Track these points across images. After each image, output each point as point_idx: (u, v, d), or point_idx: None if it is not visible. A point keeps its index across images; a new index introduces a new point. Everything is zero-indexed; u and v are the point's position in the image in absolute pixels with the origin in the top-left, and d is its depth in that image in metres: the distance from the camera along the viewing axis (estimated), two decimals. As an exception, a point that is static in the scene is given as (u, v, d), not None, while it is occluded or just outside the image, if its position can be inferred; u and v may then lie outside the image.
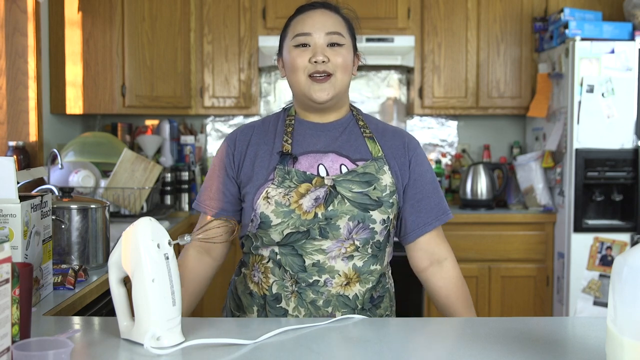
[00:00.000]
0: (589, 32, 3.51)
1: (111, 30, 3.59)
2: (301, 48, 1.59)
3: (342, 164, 1.60)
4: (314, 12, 1.62)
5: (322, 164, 1.59)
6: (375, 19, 3.90)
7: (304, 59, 1.58)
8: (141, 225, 1.25)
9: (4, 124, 3.16)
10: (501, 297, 3.72)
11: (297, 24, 1.62)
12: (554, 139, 3.65)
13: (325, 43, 1.59)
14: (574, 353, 1.25)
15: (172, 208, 3.66)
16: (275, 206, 1.53)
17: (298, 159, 1.59)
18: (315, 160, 1.60)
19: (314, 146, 1.62)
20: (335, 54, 1.59)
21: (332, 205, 1.54)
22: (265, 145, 1.63)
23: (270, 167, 1.59)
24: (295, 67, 1.60)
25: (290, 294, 1.57)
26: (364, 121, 1.69)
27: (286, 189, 1.55)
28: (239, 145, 1.65)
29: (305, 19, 1.62)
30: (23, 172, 2.11)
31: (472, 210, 3.83)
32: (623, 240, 3.49)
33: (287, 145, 1.60)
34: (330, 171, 1.58)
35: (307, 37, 1.59)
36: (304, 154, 1.60)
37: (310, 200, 1.54)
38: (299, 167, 1.58)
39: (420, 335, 1.42)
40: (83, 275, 1.90)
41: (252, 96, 3.94)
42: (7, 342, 1.08)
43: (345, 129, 1.65)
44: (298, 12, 1.66)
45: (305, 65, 1.58)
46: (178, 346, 1.23)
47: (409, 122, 4.31)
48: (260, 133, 1.66)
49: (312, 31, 1.59)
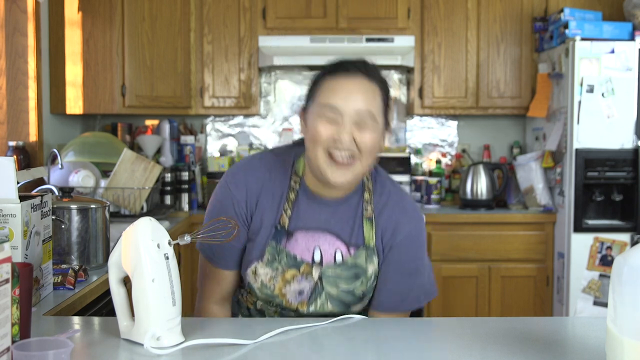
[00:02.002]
0: (589, 32, 3.51)
1: (111, 30, 3.59)
2: (327, 120, 1.43)
3: (338, 248, 1.52)
4: (348, 82, 1.43)
5: (318, 246, 1.52)
6: (375, 19, 3.91)
7: (328, 132, 1.42)
8: (141, 225, 1.25)
9: (4, 124, 3.16)
10: (501, 297, 3.72)
11: (328, 91, 1.44)
12: (554, 139, 3.65)
13: (355, 121, 1.42)
14: (574, 353, 1.25)
15: (172, 208, 3.66)
16: (260, 285, 1.52)
17: (294, 234, 1.51)
18: (312, 240, 1.52)
19: (312, 223, 1.52)
20: (364, 135, 1.43)
21: (314, 305, 1.52)
22: (270, 213, 1.52)
23: (267, 239, 1.51)
24: (316, 140, 1.44)
25: (274, 313, 1.58)
26: (370, 192, 1.56)
27: (274, 271, 1.50)
28: (250, 199, 1.53)
29: (337, 88, 1.43)
30: (23, 172, 2.11)
31: (472, 210, 3.83)
32: (623, 240, 3.49)
33: (285, 217, 1.51)
34: (325, 256, 1.52)
35: (336, 114, 1.42)
36: (301, 229, 1.52)
37: (294, 293, 1.51)
38: (293, 246, 1.51)
39: (420, 335, 1.42)
40: (83, 275, 1.90)
41: (252, 96, 3.94)
42: (7, 342, 1.08)
43: (349, 206, 1.55)
44: (331, 71, 1.47)
45: (328, 140, 1.42)
46: (178, 346, 1.23)
47: (409, 122, 4.30)
48: (268, 193, 1.53)
49: (343, 107, 1.41)
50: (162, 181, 3.64)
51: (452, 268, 3.70)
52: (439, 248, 3.68)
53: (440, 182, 4.06)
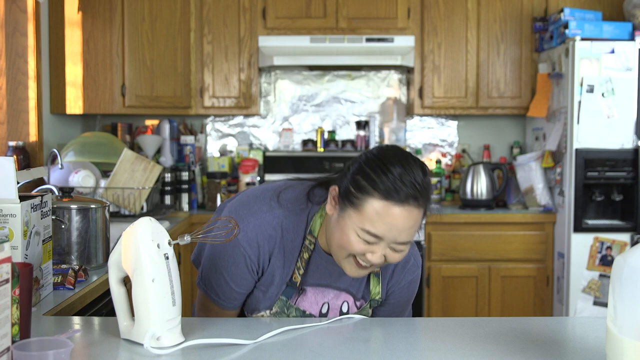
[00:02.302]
0: (589, 32, 3.51)
1: (111, 30, 3.59)
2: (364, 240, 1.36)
3: (345, 300, 1.56)
4: (399, 214, 1.32)
5: (327, 302, 1.54)
6: (375, 18, 3.91)
7: (360, 248, 1.36)
8: (141, 225, 1.25)
9: (4, 123, 3.16)
10: (501, 297, 3.72)
11: (375, 215, 1.33)
12: (554, 139, 3.65)
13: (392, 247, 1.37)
14: (574, 353, 1.25)
15: (172, 208, 3.66)
16: None
17: (305, 290, 1.53)
18: (322, 296, 1.54)
19: (324, 280, 1.53)
20: (396, 255, 1.39)
21: None
22: (282, 270, 1.50)
23: (277, 294, 1.51)
24: (345, 248, 1.38)
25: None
26: None
27: None
28: (262, 257, 1.49)
29: (385, 217, 1.32)
30: (23, 172, 2.11)
31: (472, 210, 3.82)
32: (623, 240, 3.49)
33: (298, 275, 1.49)
34: (331, 306, 1.54)
35: (377, 239, 1.35)
36: (313, 285, 1.53)
37: None
38: (303, 301, 1.53)
39: (421, 335, 1.42)
40: (83, 275, 1.90)
41: (252, 96, 3.94)
42: (7, 342, 1.08)
43: None
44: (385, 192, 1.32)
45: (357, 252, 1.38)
46: (178, 346, 1.23)
47: (409, 122, 4.31)
48: (280, 252, 1.49)
49: (386, 236, 1.34)
50: (162, 181, 3.64)
51: (452, 268, 3.70)
52: (439, 248, 3.68)
53: (440, 182, 4.07)
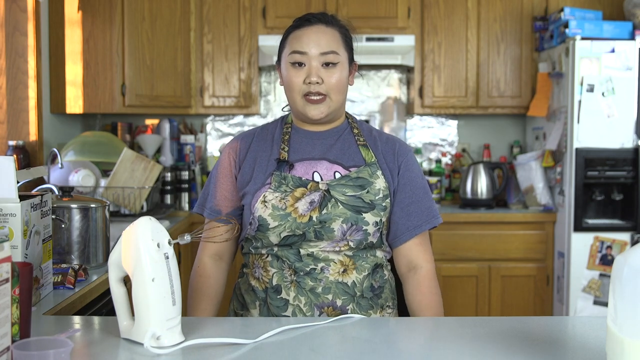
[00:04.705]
0: (589, 31, 3.51)
1: (111, 29, 3.59)
2: (297, 67, 1.65)
3: (336, 171, 1.67)
4: (310, 29, 1.66)
5: (316, 171, 1.66)
6: (375, 18, 3.90)
7: (299, 79, 1.65)
8: (141, 224, 1.25)
9: (4, 123, 3.16)
10: (501, 297, 3.72)
11: (294, 40, 1.67)
12: (554, 139, 3.65)
13: (320, 63, 1.64)
14: (574, 353, 1.25)
15: (172, 207, 3.67)
16: (272, 210, 1.61)
17: (294, 165, 1.67)
18: (310, 167, 1.67)
19: (309, 153, 1.69)
20: (330, 74, 1.64)
21: (326, 209, 1.60)
22: (263, 152, 1.71)
23: (268, 172, 1.66)
24: (291, 87, 1.66)
25: (290, 283, 1.62)
26: (358, 129, 1.75)
27: (282, 193, 1.62)
28: (240, 152, 1.73)
29: (301, 36, 1.66)
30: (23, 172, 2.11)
31: (472, 209, 3.82)
32: (623, 239, 3.49)
33: (284, 152, 1.68)
34: (324, 177, 1.66)
35: (303, 56, 1.64)
36: (299, 160, 1.68)
37: (305, 204, 1.61)
38: (294, 173, 1.66)
39: (420, 335, 1.42)
40: (83, 275, 1.90)
41: (252, 95, 3.94)
42: (7, 342, 1.08)
43: (340, 137, 1.72)
44: (296, 26, 1.70)
45: (301, 85, 1.65)
46: (178, 346, 1.23)
47: (409, 122, 4.30)
48: (260, 140, 1.74)
49: (307, 50, 1.64)
50: (162, 180, 3.64)
51: (452, 267, 3.70)
52: (439, 247, 3.68)
53: (440, 182, 4.06)
